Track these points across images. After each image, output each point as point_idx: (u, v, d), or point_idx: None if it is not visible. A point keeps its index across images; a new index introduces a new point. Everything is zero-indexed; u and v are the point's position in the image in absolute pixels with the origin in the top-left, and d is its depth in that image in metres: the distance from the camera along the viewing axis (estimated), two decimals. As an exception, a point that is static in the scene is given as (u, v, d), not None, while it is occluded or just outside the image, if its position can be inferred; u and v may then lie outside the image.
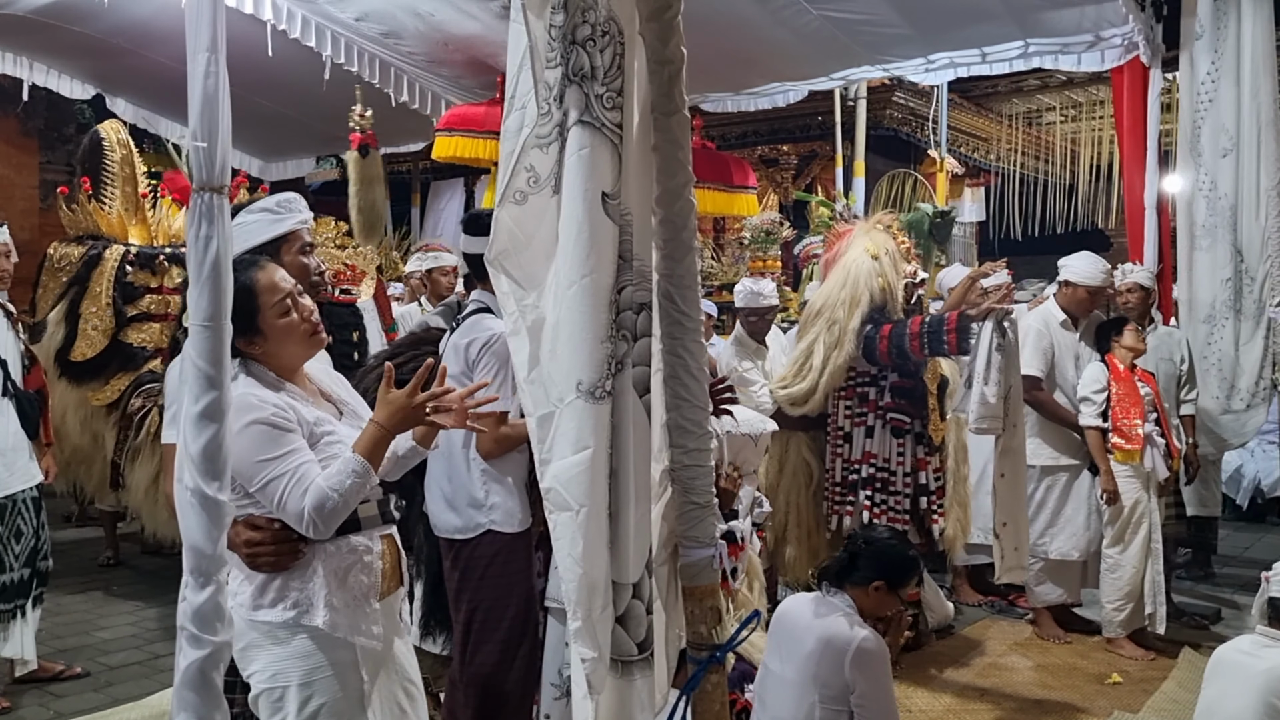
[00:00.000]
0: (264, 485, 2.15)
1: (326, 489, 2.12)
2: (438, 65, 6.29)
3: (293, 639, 2.18)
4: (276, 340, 2.27)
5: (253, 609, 2.18)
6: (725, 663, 1.99)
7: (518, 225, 1.86)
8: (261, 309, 2.24)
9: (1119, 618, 4.92)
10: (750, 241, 7.10)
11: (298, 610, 2.17)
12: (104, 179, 6.07)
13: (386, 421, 2.19)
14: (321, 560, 2.20)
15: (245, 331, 2.20)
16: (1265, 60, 5.27)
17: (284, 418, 2.19)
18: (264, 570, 2.18)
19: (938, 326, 4.41)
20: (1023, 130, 10.80)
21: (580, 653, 1.76)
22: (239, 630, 2.13)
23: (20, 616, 4.33)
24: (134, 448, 5.56)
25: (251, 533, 2.17)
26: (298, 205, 2.66)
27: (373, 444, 2.18)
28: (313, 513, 2.11)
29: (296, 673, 2.17)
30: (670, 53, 1.88)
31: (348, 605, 2.21)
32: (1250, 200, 5.29)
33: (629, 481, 1.79)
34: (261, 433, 2.15)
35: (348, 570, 2.23)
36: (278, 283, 2.28)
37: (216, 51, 1.83)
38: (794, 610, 2.94)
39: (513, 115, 1.87)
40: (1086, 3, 5.20)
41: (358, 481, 2.14)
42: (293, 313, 2.27)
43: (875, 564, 2.89)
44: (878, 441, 4.70)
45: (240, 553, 2.16)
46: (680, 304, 1.93)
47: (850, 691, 2.73)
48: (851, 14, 5.34)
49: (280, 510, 2.15)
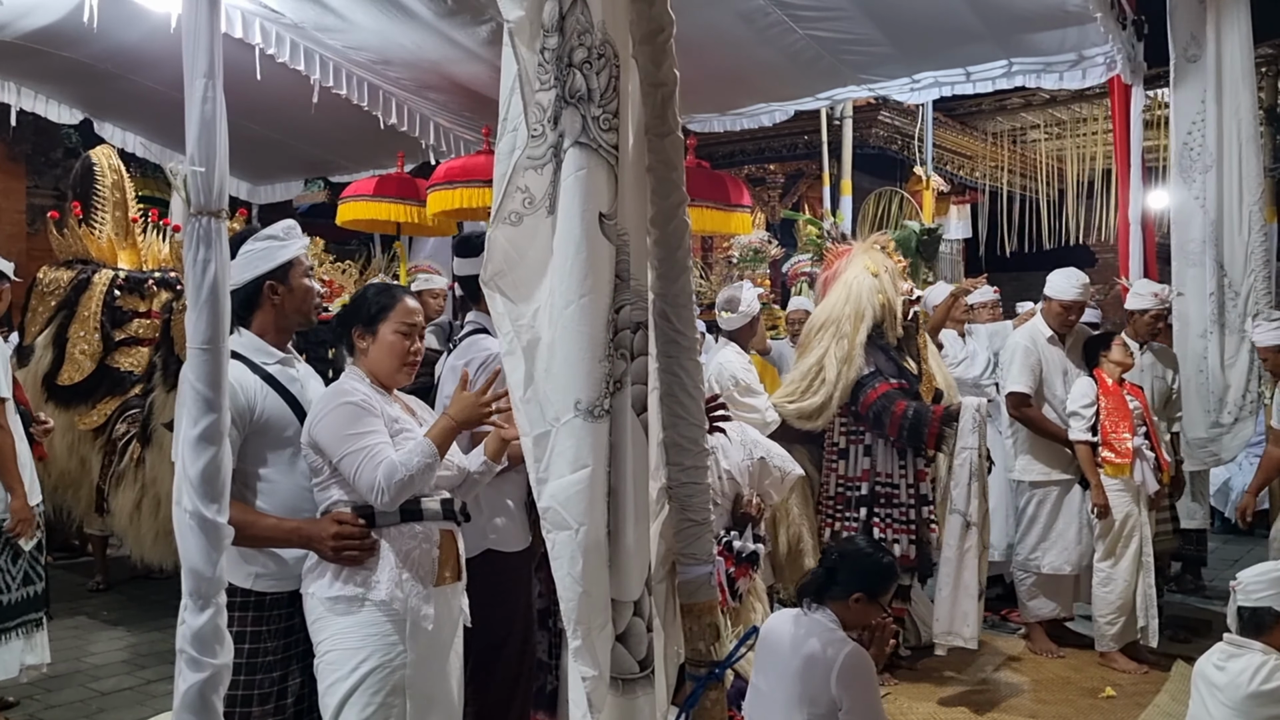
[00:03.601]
0: (344, 457, 2.47)
1: (397, 462, 2.45)
2: (426, 89, 6.30)
3: (359, 611, 2.47)
4: (381, 349, 2.64)
5: (329, 586, 2.49)
6: (724, 680, 2.00)
7: (512, 245, 1.87)
8: (391, 318, 2.64)
9: (1111, 631, 4.93)
10: (739, 260, 7.15)
11: (365, 586, 2.48)
12: (95, 204, 6.08)
13: (457, 415, 2.59)
14: (387, 541, 2.51)
15: (368, 325, 2.64)
16: (1245, 77, 5.33)
17: (370, 404, 2.54)
18: (346, 564, 2.47)
19: (919, 423, 4.49)
20: (1007, 148, 10.91)
21: (581, 671, 1.76)
22: (313, 608, 2.50)
23: (39, 627, 4.38)
24: (118, 473, 5.54)
25: (340, 527, 2.47)
26: (296, 231, 2.75)
27: (443, 433, 2.56)
28: (384, 480, 2.43)
29: (355, 638, 2.46)
30: (663, 75, 1.91)
31: (405, 584, 2.50)
32: (1233, 215, 5.34)
33: (628, 499, 1.80)
34: (351, 410, 2.50)
35: (408, 554, 2.53)
36: (414, 312, 2.70)
37: (214, 77, 1.84)
38: (777, 629, 2.92)
39: (505, 138, 1.89)
40: (1068, 24, 5.24)
41: (425, 461, 2.47)
42: (408, 340, 2.65)
43: (853, 575, 2.86)
44: (880, 459, 4.73)
45: (326, 546, 2.45)
46: (676, 322, 1.95)
47: (838, 708, 2.71)
48: (837, 34, 5.37)
49: (355, 479, 2.46)
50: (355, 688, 2.44)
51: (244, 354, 2.57)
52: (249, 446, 2.53)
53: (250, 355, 2.60)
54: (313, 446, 2.53)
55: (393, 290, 2.74)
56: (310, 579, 2.51)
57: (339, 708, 2.45)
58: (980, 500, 4.48)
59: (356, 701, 2.44)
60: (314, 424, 2.52)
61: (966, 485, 4.46)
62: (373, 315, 2.64)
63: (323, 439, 2.49)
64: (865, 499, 4.72)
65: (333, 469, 2.51)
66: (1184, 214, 5.49)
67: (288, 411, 2.59)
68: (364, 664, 2.44)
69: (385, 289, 2.78)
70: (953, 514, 4.48)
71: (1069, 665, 4.99)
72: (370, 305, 2.66)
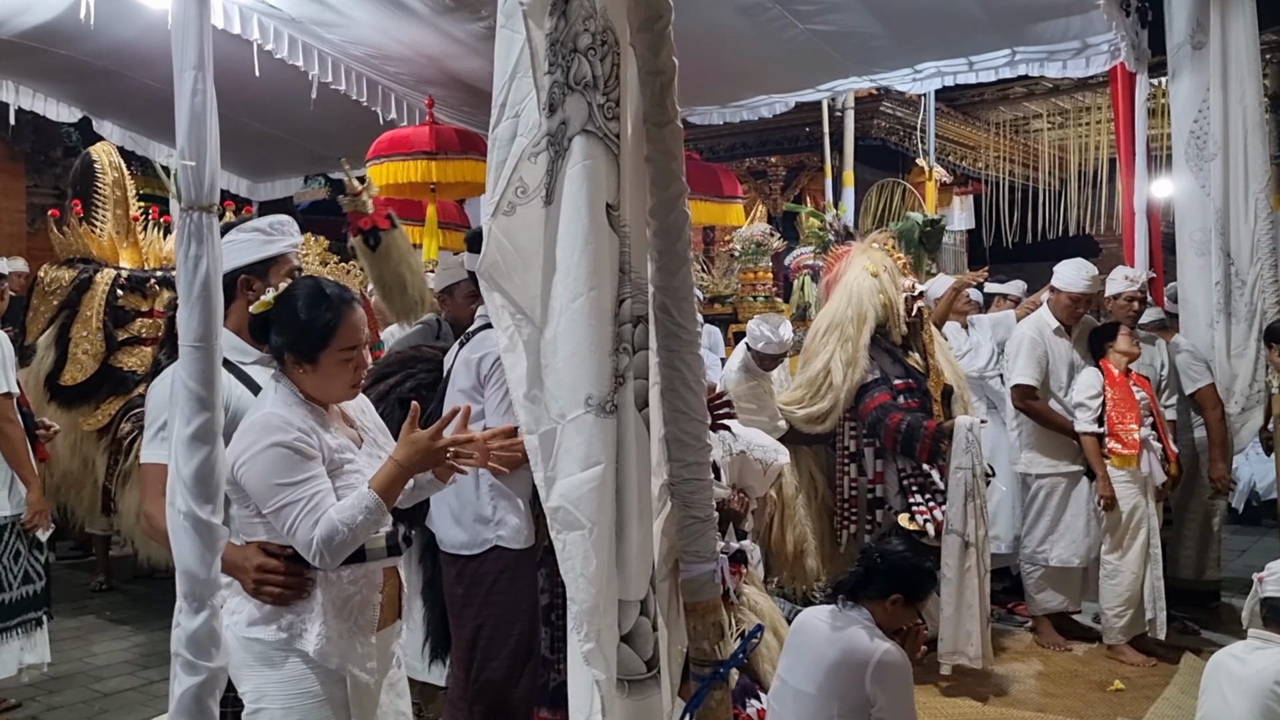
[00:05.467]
0: (278, 509, 2.12)
1: (338, 522, 2.09)
2: (424, 84, 6.28)
3: (285, 662, 2.16)
4: (324, 376, 2.24)
5: (247, 625, 2.17)
6: (729, 679, 1.97)
7: (507, 237, 1.82)
8: (331, 347, 2.22)
9: (1119, 624, 4.89)
10: (741, 253, 7.11)
11: (290, 633, 2.16)
12: (95, 202, 6.04)
13: (406, 461, 2.17)
14: (322, 588, 2.18)
15: (303, 358, 2.21)
16: (1250, 64, 5.29)
17: (306, 443, 2.16)
18: (266, 600, 2.16)
19: (912, 436, 4.50)
20: (1010, 138, 10.86)
21: (594, 674, 1.72)
22: (233, 647, 2.09)
23: (39, 626, 4.36)
24: (124, 472, 5.51)
25: (265, 559, 2.16)
26: (289, 229, 2.62)
27: (389, 481, 2.16)
28: (321, 544, 2.08)
29: (281, 697, 2.15)
30: (661, 63, 1.87)
31: (342, 636, 2.19)
32: (1239, 204, 5.30)
33: (632, 497, 1.77)
34: (283, 456, 2.12)
35: (346, 600, 2.21)
36: (358, 329, 2.26)
37: (203, 69, 1.81)
38: (811, 624, 2.94)
39: (504, 123, 1.82)
40: (1071, 12, 5.22)
41: (369, 518, 2.12)
42: (351, 363, 2.26)
43: (892, 577, 2.89)
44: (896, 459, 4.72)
45: (248, 577, 2.15)
46: (676, 316, 1.91)
47: (871, 705, 2.73)
48: (838, 27, 5.35)
49: (290, 536, 2.12)
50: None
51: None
52: None
53: (226, 353, 2.45)
54: (236, 487, 2.16)
55: (333, 304, 2.22)
56: (226, 610, 2.06)
57: None
58: (978, 520, 4.44)
59: None
60: (239, 464, 2.13)
61: (962, 505, 4.43)
62: (313, 345, 2.21)
63: (251, 486, 2.13)
64: (879, 501, 4.73)
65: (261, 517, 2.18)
66: (1189, 203, 5.45)
67: None
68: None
69: (322, 302, 2.22)
70: (950, 534, 4.45)
71: (1077, 658, 4.95)
72: (309, 333, 2.20)
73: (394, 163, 5.60)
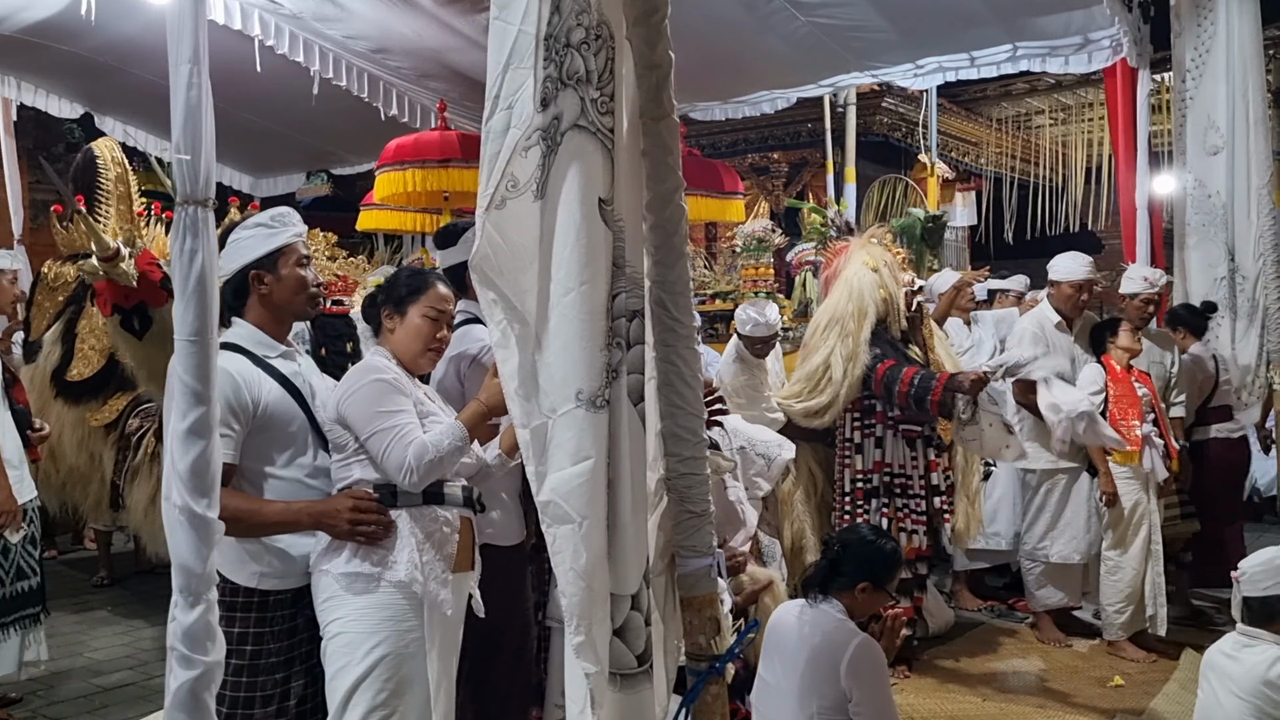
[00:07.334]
0: (373, 434, 2.44)
1: (428, 443, 2.43)
2: (426, 79, 6.28)
3: (375, 591, 2.41)
4: (409, 331, 2.62)
5: (345, 562, 2.42)
6: (725, 673, 1.96)
7: (498, 231, 1.80)
8: (421, 301, 2.62)
9: (1120, 620, 4.89)
10: (743, 250, 7.09)
11: (382, 565, 2.42)
12: (98, 197, 6.03)
13: (488, 400, 2.56)
14: (410, 521, 2.46)
15: (397, 306, 2.63)
16: (1254, 58, 5.27)
17: (400, 383, 2.53)
18: (360, 540, 2.41)
19: (925, 388, 4.48)
20: (1012, 134, 10.84)
21: (584, 668, 1.72)
22: (324, 585, 2.42)
23: (37, 623, 4.36)
24: (132, 468, 5.51)
25: (357, 501, 2.42)
26: (291, 219, 2.65)
27: (474, 417, 2.56)
28: (413, 460, 2.40)
29: (369, 621, 2.40)
30: (658, 57, 1.86)
31: (429, 565, 2.45)
32: (1242, 198, 5.29)
33: (626, 491, 1.76)
34: (381, 388, 2.49)
35: (430, 535, 2.48)
36: (445, 299, 2.67)
37: (199, 63, 1.80)
38: (785, 621, 2.91)
39: (497, 115, 1.80)
40: (1074, 7, 5.20)
41: (456, 444, 2.47)
42: (435, 325, 2.64)
43: (858, 565, 2.85)
44: (889, 450, 4.72)
45: (342, 519, 2.39)
46: (673, 310, 1.90)
47: (847, 699, 2.70)
48: (840, 20, 5.34)
49: (384, 458, 2.42)
50: (367, 674, 2.37)
51: (245, 346, 2.51)
52: (252, 441, 2.45)
53: (251, 348, 2.52)
54: (339, 422, 2.49)
55: (425, 274, 2.73)
56: (325, 557, 2.43)
57: (349, 694, 2.37)
58: None
59: (368, 688, 2.37)
60: (343, 399, 2.48)
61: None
62: (403, 297, 2.63)
63: (351, 415, 2.45)
64: (876, 490, 4.71)
65: (358, 446, 2.47)
66: (1192, 197, 5.43)
67: (292, 405, 2.52)
68: (377, 649, 2.38)
69: (418, 273, 2.77)
70: None
71: (1077, 654, 4.95)
72: (401, 287, 2.65)
73: (406, 171, 5.45)
